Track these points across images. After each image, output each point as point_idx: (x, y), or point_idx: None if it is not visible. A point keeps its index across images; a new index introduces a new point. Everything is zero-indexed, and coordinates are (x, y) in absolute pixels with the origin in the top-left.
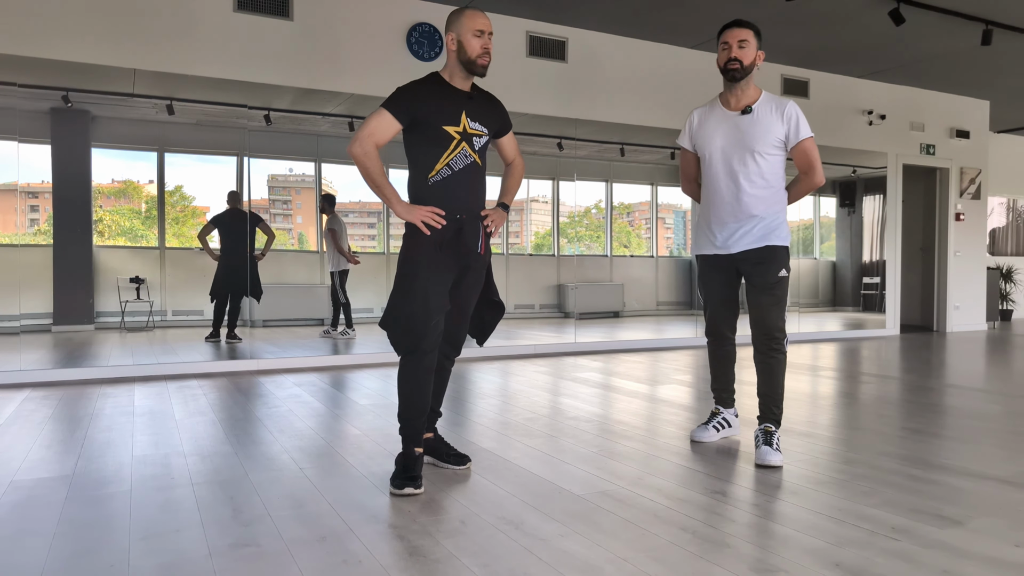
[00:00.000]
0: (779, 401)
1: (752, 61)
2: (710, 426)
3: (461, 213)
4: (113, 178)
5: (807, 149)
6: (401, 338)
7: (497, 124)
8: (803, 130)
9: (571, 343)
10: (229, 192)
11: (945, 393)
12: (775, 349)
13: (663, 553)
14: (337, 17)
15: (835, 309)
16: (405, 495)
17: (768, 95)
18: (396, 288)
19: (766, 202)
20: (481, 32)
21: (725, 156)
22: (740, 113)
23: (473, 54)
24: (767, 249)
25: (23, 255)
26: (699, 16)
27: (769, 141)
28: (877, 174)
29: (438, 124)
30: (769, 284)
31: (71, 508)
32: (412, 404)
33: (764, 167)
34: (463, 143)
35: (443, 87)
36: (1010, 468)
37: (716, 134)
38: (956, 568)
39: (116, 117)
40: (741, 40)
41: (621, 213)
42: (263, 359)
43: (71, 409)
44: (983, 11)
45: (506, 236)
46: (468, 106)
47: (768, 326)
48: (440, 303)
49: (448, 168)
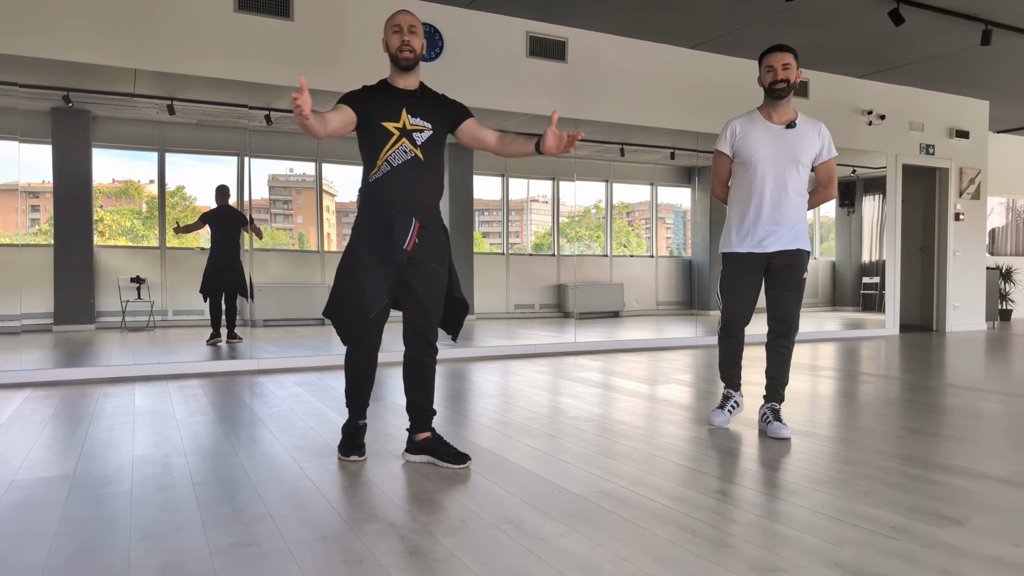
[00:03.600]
0: (785, 382)
1: (795, 80)
2: (725, 410)
3: (395, 210)
4: (114, 178)
5: (831, 167)
6: (341, 329)
7: (445, 115)
8: (833, 150)
9: (571, 343)
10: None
11: (945, 393)
12: (789, 340)
13: (663, 553)
14: (337, 17)
15: (835, 309)
16: (351, 461)
17: (803, 115)
18: (335, 281)
19: (800, 209)
20: (399, 27)
21: (773, 164)
22: (785, 127)
23: (392, 49)
24: (797, 252)
25: (24, 255)
26: (699, 16)
27: (810, 154)
28: (877, 174)
29: (378, 120)
30: (797, 280)
31: (72, 508)
32: (354, 386)
33: (803, 176)
34: (403, 139)
35: (386, 88)
36: (1010, 468)
37: (763, 144)
38: (956, 568)
39: (117, 117)
40: (785, 63)
41: (621, 213)
42: (263, 359)
43: (72, 409)
44: (983, 11)
45: (505, 236)
46: (410, 103)
47: (789, 321)
48: (376, 297)
49: (387, 164)
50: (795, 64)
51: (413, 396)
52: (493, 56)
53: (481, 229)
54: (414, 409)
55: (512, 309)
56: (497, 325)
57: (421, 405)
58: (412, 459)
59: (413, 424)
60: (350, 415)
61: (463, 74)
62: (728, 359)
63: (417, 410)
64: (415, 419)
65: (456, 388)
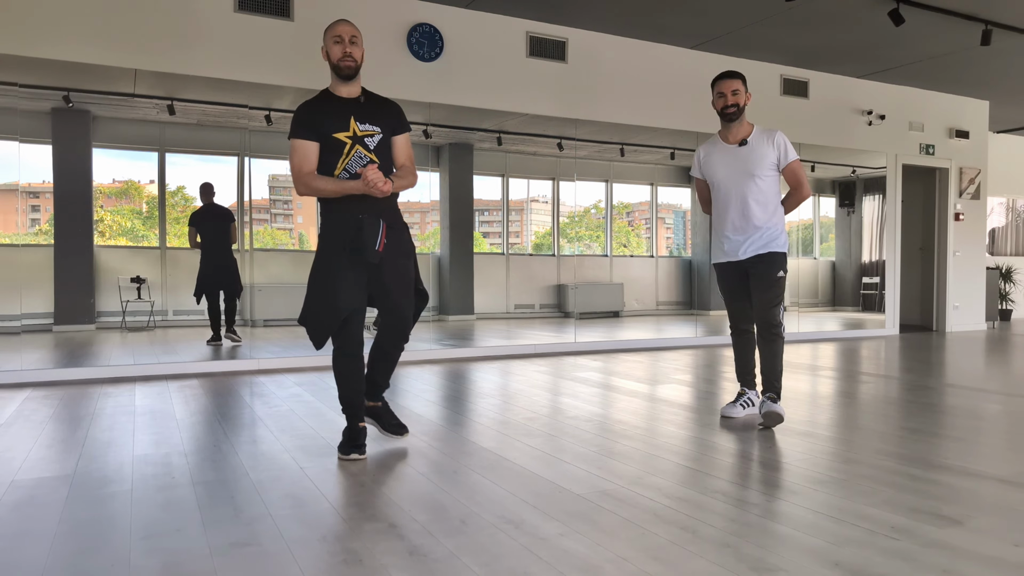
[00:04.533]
0: (778, 376)
1: (744, 103)
2: (737, 404)
3: (362, 212)
4: (114, 178)
5: (795, 170)
6: (314, 333)
7: (389, 120)
8: (791, 154)
9: (571, 343)
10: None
11: (945, 393)
12: (774, 334)
13: (663, 552)
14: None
15: (835, 309)
16: (351, 459)
17: (759, 128)
18: (308, 287)
19: (766, 216)
20: (339, 38)
21: (730, 182)
22: (738, 145)
23: (335, 59)
24: (768, 255)
25: (24, 255)
26: (699, 16)
27: (765, 166)
28: (876, 174)
29: (329, 133)
30: (770, 283)
31: (72, 507)
32: (347, 389)
33: (763, 187)
34: (356, 146)
35: (330, 99)
36: (1010, 468)
37: (720, 164)
38: (956, 568)
39: (117, 117)
40: (734, 89)
41: (621, 213)
42: (263, 359)
43: (72, 409)
44: (983, 11)
45: (506, 236)
46: (356, 111)
47: (769, 317)
48: (350, 300)
49: (345, 172)
50: (743, 88)
51: (374, 375)
52: (493, 56)
53: (481, 229)
54: (370, 382)
55: (512, 309)
56: (497, 325)
57: (377, 381)
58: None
59: (367, 393)
60: (348, 419)
61: (463, 74)
62: (738, 356)
63: (372, 384)
64: (368, 389)
65: (456, 388)
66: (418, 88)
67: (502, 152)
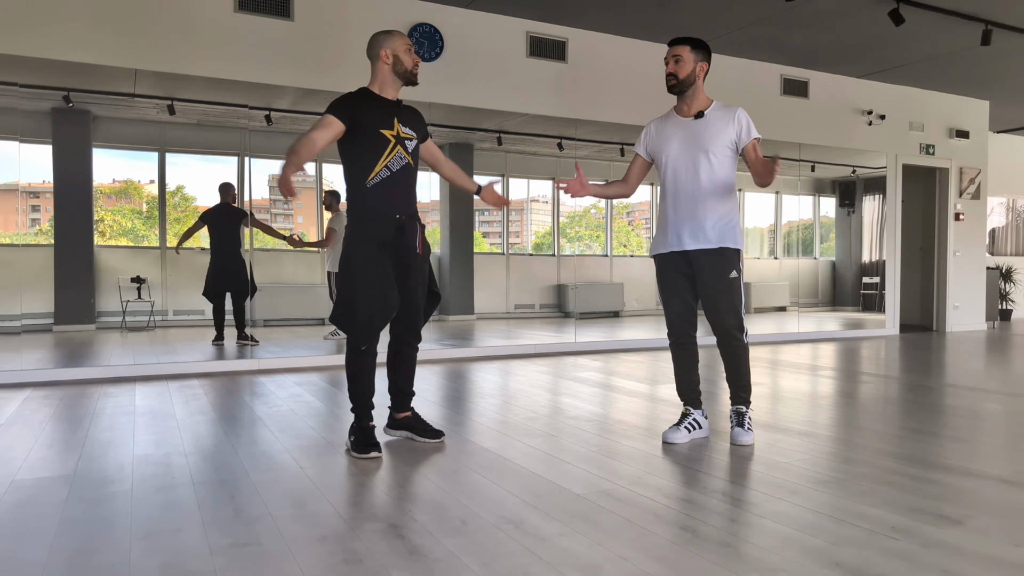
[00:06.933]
0: (744, 384)
1: (689, 74)
2: (681, 427)
3: (401, 213)
4: (114, 178)
5: (756, 148)
6: (357, 334)
7: (422, 130)
8: (752, 132)
9: (571, 343)
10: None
11: (945, 393)
12: (733, 343)
13: (663, 552)
14: (337, 17)
15: (835, 309)
16: (371, 458)
17: (719, 104)
18: (348, 287)
19: (717, 201)
20: (410, 48)
21: (681, 158)
22: (694, 118)
23: (408, 66)
24: (718, 251)
25: (24, 255)
26: (699, 16)
27: (721, 142)
28: (877, 174)
29: (376, 128)
30: (723, 286)
31: (72, 507)
32: (363, 388)
33: (716, 166)
34: (398, 146)
35: (375, 98)
36: (1010, 468)
37: (672, 138)
38: (956, 568)
39: (117, 117)
40: (675, 56)
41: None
42: (263, 359)
43: (72, 409)
44: (983, 11)
45: (506, 236)
46: (399, 113)
47: (723, 324)
48: (395, 300)
49: (387, 170)
50: (691, 56)
51: (398, 382)
52: (493, 56)
53: (481, 229)
54: (396, 392)
55: (512, 309)
56: (497, 325)
57: (403, 389)
58: (392, 434)
59: (395, 404)
60: (359, 417)
61: (463, 74)
62: (678, 371)
63: (399, 393)
64: (397, 400)
65: (456, 388)
66: (418, 88)
67: (502, 152)
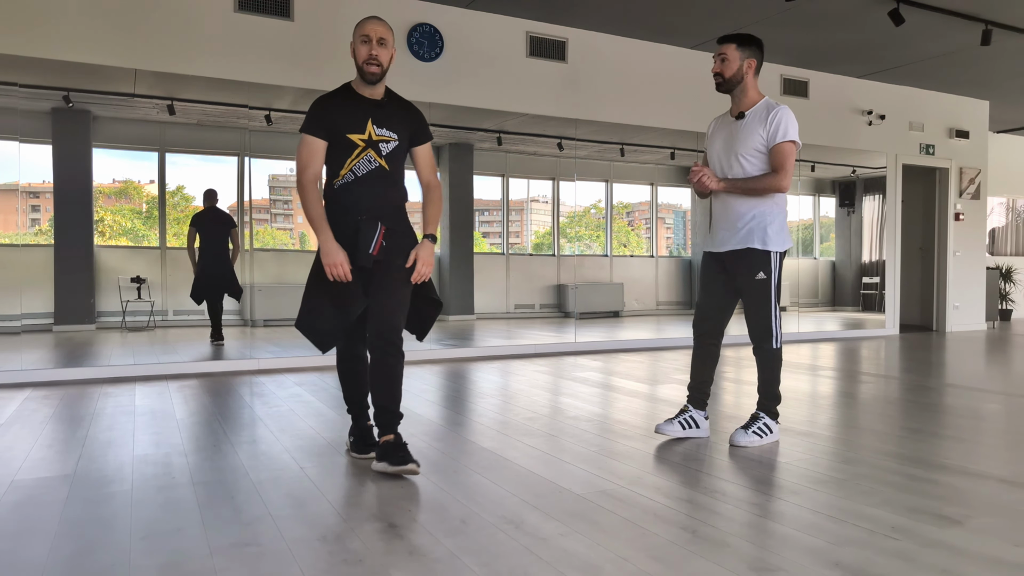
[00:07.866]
0: (767, 391)
1: (735, 72)
2: (675, 421)
3: (361, 215)
4: (114, 178)
5: (780, 151)
6: (317, 339)
7: (411, 130)
8: (782, 133)
9: (571, 343)
10: (205, 191)
11: (945, 393)
12: (763, 347)
13: (663, 552)
14: (337, 17)
15: (835, 309)
16: (370, 458)
17: (766, 101)
18: (305, 293)
19: (749, 203)
20: (367, 37)
21: (718, 159)
22: (735, 119)
23: (360, 60)
24: (746, 252)
25: (24, 255)
26: (699, 16)
27: (751, 144)
28: (877, 174)
29: (343, 132)
30: (751, 289)
31: (72, 507)
32: (351, 391)
33: (748, 169)
34: (368, 149)
35: (350, 97)
36: (1010, 468)
37: (716, 138)
38: (956, 568)
39: (117, 117)
40: (721, 54)
41: (621, 213)
42: (263, 359)
43: (72, 409)
44: (983, 11)
45: (506, 236)
46: (376, 113)
47: (753, 328)
48: (346, 304)
49: (351, 173)
50: (737, 55)
51: (375, 396)
52: (493, 56)
53: (481, 229)
54: (376, 408)
55: (512, 309)
56: (497, 325)
57: (383, 405)
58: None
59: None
60: (355, 418)
61: (463, 74)
62: (693, 365)
63: (380, 410)
64: (377, 418)
65: (456, 388)
66: (418, 88)
67: (502, 152)
